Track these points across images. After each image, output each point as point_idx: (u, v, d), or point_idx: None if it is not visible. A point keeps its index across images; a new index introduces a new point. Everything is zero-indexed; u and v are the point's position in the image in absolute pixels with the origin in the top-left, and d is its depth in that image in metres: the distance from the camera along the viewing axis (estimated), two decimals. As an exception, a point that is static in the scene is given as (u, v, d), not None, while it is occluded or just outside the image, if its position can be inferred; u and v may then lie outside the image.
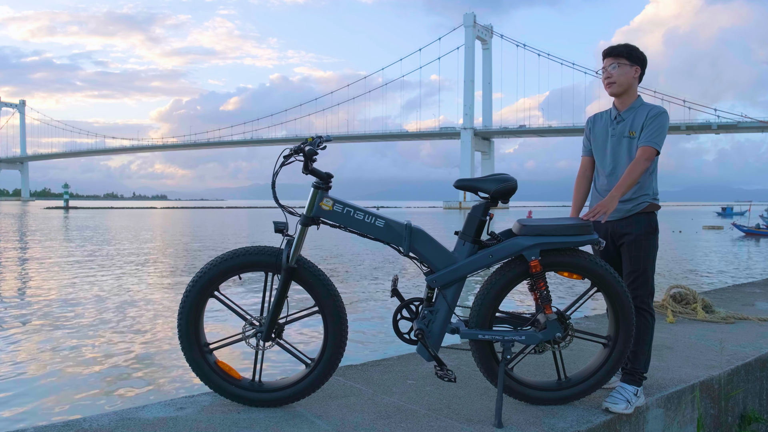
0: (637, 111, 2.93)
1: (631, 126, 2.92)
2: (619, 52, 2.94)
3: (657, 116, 2.85)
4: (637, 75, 2.97)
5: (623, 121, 2.95)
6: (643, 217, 2.88)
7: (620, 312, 2.67)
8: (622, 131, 2.95)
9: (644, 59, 2.98)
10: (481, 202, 2.65)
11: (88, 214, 70.26)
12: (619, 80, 2.93)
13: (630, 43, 2.99)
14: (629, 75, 2.94)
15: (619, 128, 2.96)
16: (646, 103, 2.97)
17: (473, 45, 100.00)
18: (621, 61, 2.93)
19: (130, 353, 7.68)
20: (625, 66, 2.93)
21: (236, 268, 2.56)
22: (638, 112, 2.92)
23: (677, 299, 4.98)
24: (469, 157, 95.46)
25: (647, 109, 2.91)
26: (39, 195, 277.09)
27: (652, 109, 2.90)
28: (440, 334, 2.60)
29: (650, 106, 2.93)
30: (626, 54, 2.93)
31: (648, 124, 2.86)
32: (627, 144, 2.92)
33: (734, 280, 15.64)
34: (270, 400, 2.62)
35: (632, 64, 2.94)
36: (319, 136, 2.58)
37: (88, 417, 2.47)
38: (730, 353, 3.59)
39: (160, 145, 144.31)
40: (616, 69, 2.93)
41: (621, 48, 2.95)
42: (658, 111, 2.88)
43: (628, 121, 2.93)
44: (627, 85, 2.95)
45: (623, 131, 2.94)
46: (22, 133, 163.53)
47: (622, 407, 2.69)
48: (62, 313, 10.27)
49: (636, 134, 2.90)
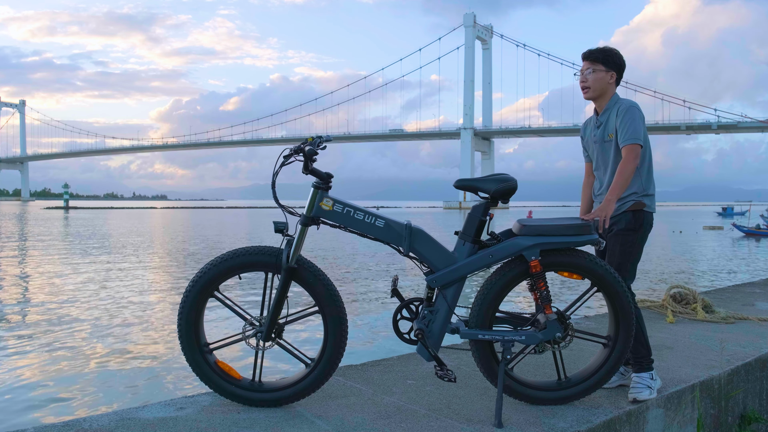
0: (611, 111, 2.96)
1: (607, 128, 2.96)
2: (596, 57, 2.97)
3: (626, 112, 2.86)
4: (613, 80, 2.98)
5: (601, 125, 2.99)
6: (628, 214, 2.90)
7: (620, 312, 2.67)
8: (602, 136, 2.99)
9: (621, 64, 2.99)
10: (481, 202, 2.65)
11: (88, 214, 70.25)
12: (593, 86, 2.97)
13: (609, 47, 3.00)
14: (604, 80, 2.96)
15: (599, 133, 3.01)
16: (619, 99, 2.98)
17: (473, 45, 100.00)
18: (597, 66, 2.96)
19: (130, 353, 7.68)
20: (601, 72, 2.96)
21: (236, 268, 2.56)
22: (611, 113, 2.95)
23: (677, 299, 4.98)
24: (469, 157, 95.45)
25: (617, 108, 2.93)
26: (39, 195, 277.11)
27: (621, 106, 2.91)
28: (440, 334, 2.60)
29: (619, 104, 2.94)
30: (602, 59, 2.95)
31: (620, 123, 2.87)
32: (610, 147, 2.95)
33: (734, 280, 15.64)
34: (270, 400, 2.62)
35: (608, 70, 2.96)
36: (319, 136, 2.58)
37: (88, 417, 2.47)
38: (730, 353, 3.59)
39: (160, 145, 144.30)
40: (591, 74, 2.96)
41: (598, 53, 2.97)
42: (626, 106, 2.89)
43: (605, 124, 2.97)
44: (601, 91, 2.98)
45: (604, 135, 2.98)
46: (22, 133, 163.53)
47: (646, 394, 2.79)
48: (62, 313, 10.27)
49: (613, 136, 2.92)
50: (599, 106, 3.02)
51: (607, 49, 2.98)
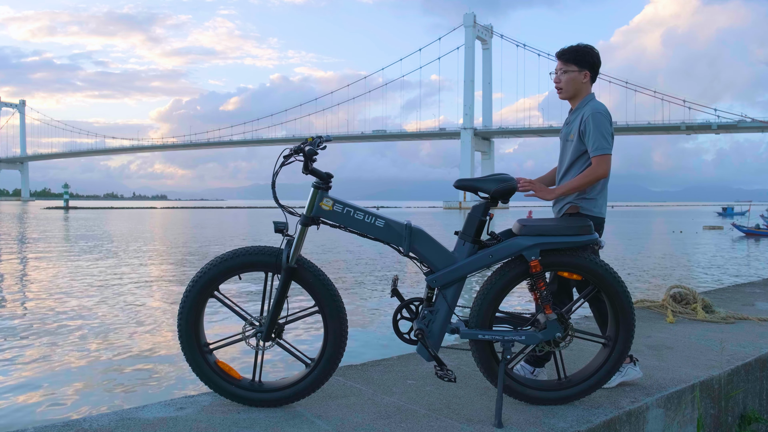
0: (578, 113, 2.96)
1: (571, 128, 2.98)
2: (568, 57, 2.96)
3: (591, 120, 2.84)
4: (587, 79, 2.98)
5: (569, 124, 3.02)
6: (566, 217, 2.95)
7: (620, 312, 2.67)
8: (566, 134, 3.02)
9: (594, 62, 2.97)
10: (481, 202, 2.65)
11: (88, 214, 70.26)
12: (566, 86, 2.98)
13: (581, 45, 2.97)
14: (577, 80, 2.96)
15: (564, 131, 3.04)
16: (590, 102, 2.96)
17: (473, 45, 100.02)
18: (569, 67, 2.96)
19: (130, 353, 7.68)
20: (573, 72, 2.95)
21: (236, 268, 2.56)
22: (578, 114, 2.96)
23: (677, 299, 4.98)
24: (469, 157, 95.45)
25: (583, 112, 2.92)
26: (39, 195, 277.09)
27: (585, 113, 2.90)
28: (440, 334, 2.60)
29: (586, 108, 2.92)
30: (574, 59, 2.95)
31: (586, 131, 2.86)
32: (569, 147, 2.98)
33: (734, 280, 15.64)
34: (270, 400, 2.62)
35: (581, 69, 2.95)
36: (319, 136, 2.58)
37: (88, 417, 2.47)
38: (730, 353, 3.59)
39: (160, 145, 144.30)
40: (564, 75, 2.97)
41: (569, 53, 2.96)
42: (590, 113, 2.87)
43: (572, 123, 2.99)
44: (575, 91, 2.99)
45: (567, 134, 3.01)
46: (22, 133, 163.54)
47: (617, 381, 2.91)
48: (62, 313, 10.27)
49: (574, 138, 2.93)
50: (573, 104, 3.04)
51: (579, 47, 2.96)
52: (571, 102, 3.04)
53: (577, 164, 2.95)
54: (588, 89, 3.00)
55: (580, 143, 2.92)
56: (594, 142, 2.82)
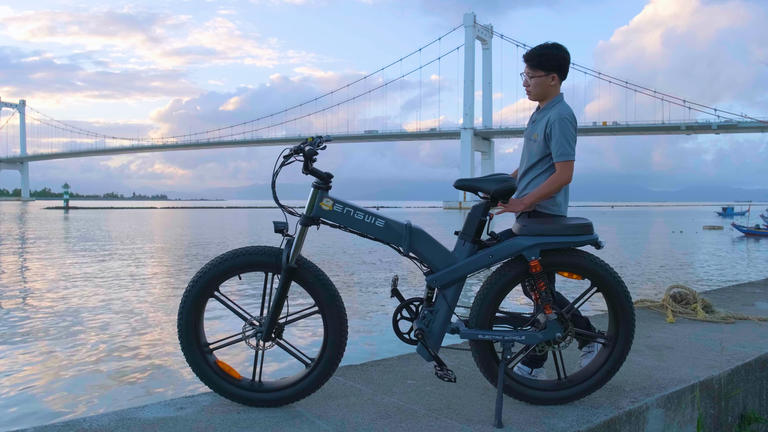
0: (545, 114, 2.98)
1: (536, 128, 3.00)
2: (534, 64, 2.96)
3: (557, 124, 2.86)
4: (555, 81, 2.98)
5: (534, 123, 3.04)
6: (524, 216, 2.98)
7: (620, 312, 2.67)
8: (530, 133, 3.04)
9: (560, 64, 2.96)
10: (481, 202, 2.65)
11: (88, 214, 70.25)
12: (534, 90, 3.01)
13: (547, 47, 2.96)
14: (545, 84, 2.98)
15: (529, 129, 3.07)
16: (559, 104, 2.98)
17: (473, 45, 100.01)
18: (536, 72, 2.97)
19: (130, 353, 7.68)
20: (540, 76, 2.96)
21: (236, 268, 2.56)
22: (545, 116, 2.97)
23: (677, 299, 4.98)
24: (469, 157, 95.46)
25: (550, 114, 2.93)
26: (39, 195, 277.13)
27: (552, 116, 2.91)
28: (440, 334, 2.60)
29: (553, 111, 2.93)
30: (538, 64, 2.95)
31: (552, 134, 2.88)
32: (531, 147, 3.01)
33: (734, 280, 15.64)
34: (270, 400, 2.62)
35: (548, 73, 2.95)
36: (319, 136, 2.58)
37: (88, 417, 2.47)
38: (730, 353, 3.59)
39: (160, 145, 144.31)
40: (532, 79, 2.99)
41: (535, 60, 2.96)
42: (556, 117, 2.88)
43: (537, 123, 3.01)
44: (543, 94, 3.01)
45: (531, 133, 3.03)
46: (22, 133, 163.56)
47: None
48: (62, 312, 10.27)
49: (538, 138, 2.96)
50: (541, 104, 3.08)
51: (545, 51, 2.95)
52: (540, 102, 3.08)
53: (539, 165, 3.00)
54: (557, 90, 3.02)
55: (544, 145, 2.95)
56: (558, 147, 2.86)
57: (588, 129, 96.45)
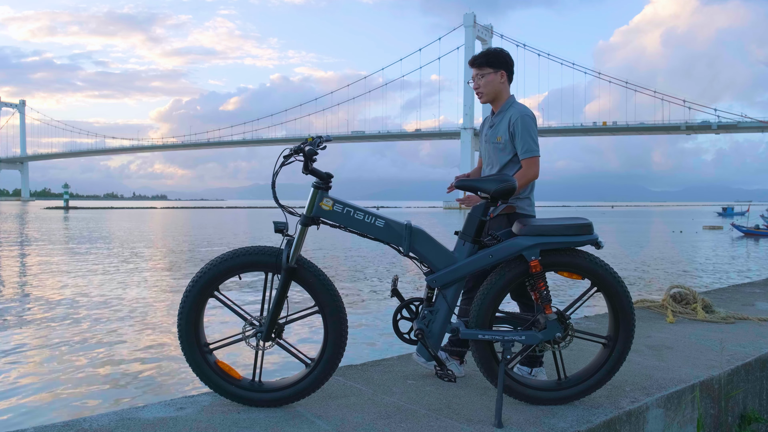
0: (504, 114, 3.04)
1: (498, 131, 3.04)
2: (481, 62, 3.03)
3: (520, 122, 2.94)
4: (504, 79, 3.05)
5: (494, 126, 3.09)
6: (502, 218, 3.04)
7: (620, 312, 2.67)
8: (493, 137, 3.08)
9: (507, 62, 3.05)
10: (481, 202, 2.65)
11: (88, 214, 70.25)
12: (486, 90, 3.05)
13: (491, 49, 3.06)
14: (495, 82, 3.03)
15: (490, 133, 3.10)
16: (515, 104, 3.05)
17: (473, 45, 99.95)
18: (484, 71, 3.02)
19: (130, 353, 7.68)
20: (490, 74, 3.02)
21: (236, 268, 2.56)
22: (505, 116, 3.03)
23: (677, 299, 4.98)
24: (469, 157, 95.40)
25: (510, 115, 3.00)
26: (39, 195, 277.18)
27: (513, 115, 2.98)
28: (440, 334, 2.60)
29: (513, 110, 3.00)
30: (487, 62, 3.02)
31: (516, 135, 2.95)
32: (497, 150, 3.05)
33: (734, 280, 15.64)
34: (270, 400, 2.62)
35: (496, 71, 3.02)
36: (319, 136, 2.58)
37: (88, 417, 2.47)
38: (730, 353, 3.59)
39: (160, 145, 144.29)
40: (482, 79, 3.03)
41: (481, 58, 3.03)
42: (518, 116, 2.96)
43: (497, 125, 3.06)
44: (495, 93, 3.06)
45: (494, 137, 3.07)
46: (22, 133, 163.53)
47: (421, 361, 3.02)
48: (62, 312, 10.27)
49: (502, 140, 3.01)
50: (495, 107, 3.12)
51: (490, 51, 3.06)
52: (493, 105, 3.13)
53: (509, 167, 3.05)
54: (507, 90, 3.09)
55: (511, 145, 3.01)
56: (523, 144, 2.94)
57: (588, 129, 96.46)
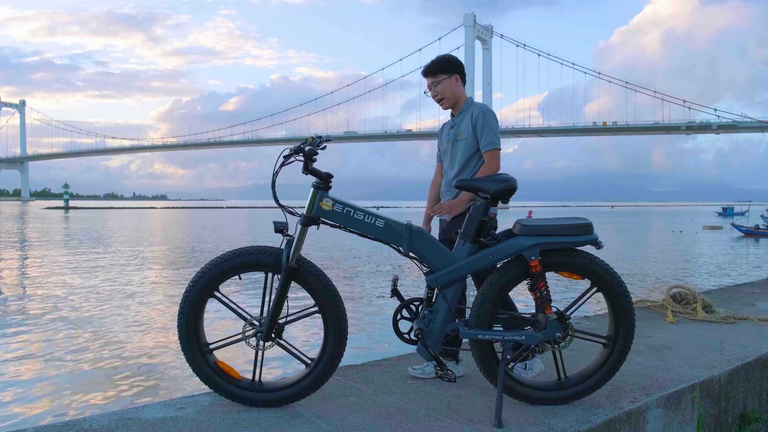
0: (465, 113, 3.12)
1: (459, 128, 3.11)
2: (434, 71, 3.11)
3: (482, 118, 3.01)
4: (459, 82, 3.13)
5: (455, 126, 3.16)
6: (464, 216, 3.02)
7: (620, 312, 2.67)
8: (455, 135, 3.15)
9: (458, 65, 3.15)
10: (481, 202, 2.65)
11: (88, 214, 70.25)
12: (445, 95, 3.12)
13: (440, 56, 3.13)
14: (452, 86, 3.12)
15: (452, 133, 3.17)
16: (474, 103, 3.14)
17: (473, 45, 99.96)
18: (439, 78, 3.10)
19: (130, 353, 7.68)
20: (445, 80, 3.10)
21: (236, 268, 2.56)
22: (466, 115, 3.11)
23: (677, 299, 4.98)
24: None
25: (471, 111, 3.08)
26: (39, 195, 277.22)
27: (474, 111, 3.06)
28: (440, 334, 2.60)
29: (474, 107, 3.09)
30: (440, 70, 3.10)
31: (478, 128, 3.03)
32: (459, 147, 3.11)
33: (734, 280, 15.64)
34: (270, 400, 2.62)
35: (450, 75, 3.10)
36: (319, 136, 2.58)
37: (88, 417, 2.47)
38: (730, 353, 3.59)
39: (160, 145, 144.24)
40: (439, 86, 3.11)
41: (433, 67, 3.11)
42: (479, 111, 3.04)
43: (459, 124, 3.13)
44: (454, 97, 3.14)
45: (456, 135, 3.14)
46: (22, 133, 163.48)
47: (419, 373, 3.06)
48: (62, 312, 10.27)
49: (465, 136, 3.09)
50: (455, 109, 3.19)
51: (439, 58, 3.14)
52: (453, 108, 3.20)
53: (471, 162, 3.10)
54: (464, 92, 3.17)
55: (474, 140, 3.07)
56: (485, 137, 3.00)
57: (588, 129, 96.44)
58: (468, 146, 3.09)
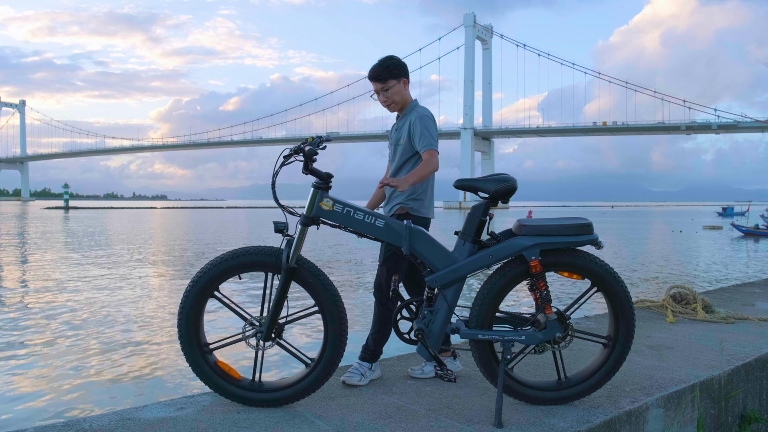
0: (406, 118, 3.13)
1: (401, 132, 3.14)
2: (384, 77, 3.10)
3: (420, 122, 3.03)
4: (406, 85, 3.16)
5: (398, 129, 3.18)
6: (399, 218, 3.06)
7: (620, 312, 2.67)
8: (397, 139, 3.17)
9: (405, 67, 3.16)
10: (481, 202, 2.65)
11: (88, 214, 70.26)
12: (395, 99, 3.13)
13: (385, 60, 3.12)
14: (400, 90, 3.13)
15: (395, 135, 3.20)
16: (417, 107, 3.15)
17: (473, 45, 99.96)
18: (390, 84, 3.10)
19: (130, 353, 7.68)
20: (394, 85, 3.10)
21: (236, 268, 2.56)
22: (406, 120, 3.13)
23: (677, 299, 4.98)
24: (469, 157, 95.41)
25: (410, 117, 3.10)
26: (39, 195, 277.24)
27: (413, 116, 3.08)
28: (440, 334, 2.60)
29: (414, 113, 3.10)
30: (388, 75, 3.09)
31: (415, 132, 3.04)
32: (400, 150, 3.14)
33: (734, 280, 15.64)
34: (270, 400, 2.62)
35: (398, 79, 3.12)
36: (319, 136, 2.58)
37: (88, 417, 2.47)
38: (730, 353, 3.59)
39: (160, 145, 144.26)
40: (389, 91, 3.11)
41: (383, 73, 3.10)
42: (417, 116, 3.05)
43: (401, 128, 3.15)
44: (403, 100, 3.15)
45: (398, 139, 3.16)
46: (22, 133, 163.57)
47: (356, 380, 2.97)
48: (62, 312, 10.27)
49: (404, 141, 3.10)
50: (400, 111, 3.20)
51: (388, 63, 3.11)
52: (399, 111, 3.21)
53: (408, 165, 3.13)
54: (410, 94, 3.19)
55: (410, 146, 3.09)
56: (422, 140, 3.01)
57: (588, 129, 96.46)
58: (405, 150, 3.13)
